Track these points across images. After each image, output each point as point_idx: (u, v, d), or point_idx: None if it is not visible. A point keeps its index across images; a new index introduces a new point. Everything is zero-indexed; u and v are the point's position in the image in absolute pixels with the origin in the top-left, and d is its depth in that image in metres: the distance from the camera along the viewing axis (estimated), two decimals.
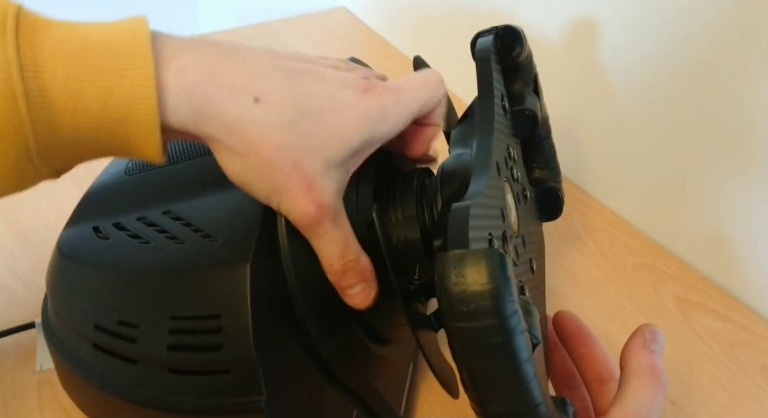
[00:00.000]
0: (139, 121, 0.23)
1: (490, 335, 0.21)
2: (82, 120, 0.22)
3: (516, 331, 0.21)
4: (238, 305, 0.26)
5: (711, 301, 0.50)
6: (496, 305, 0.21)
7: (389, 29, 0.83)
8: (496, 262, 0.21)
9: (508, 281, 0.21)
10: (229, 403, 0.27)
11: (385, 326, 0.34)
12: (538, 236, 0.41)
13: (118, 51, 0.22)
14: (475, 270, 0.21)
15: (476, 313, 0.21)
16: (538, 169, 0.43)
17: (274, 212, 0.29)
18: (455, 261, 0.21)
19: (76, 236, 0.32)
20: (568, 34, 0.56)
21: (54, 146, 0.22)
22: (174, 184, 0.32)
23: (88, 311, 0.30)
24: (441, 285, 0.21)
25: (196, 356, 0.27)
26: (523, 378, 0.21)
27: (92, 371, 0.30)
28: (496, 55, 0.36)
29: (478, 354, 0.21)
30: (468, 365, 0.22)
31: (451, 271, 0.21)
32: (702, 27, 0.45)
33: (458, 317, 0.21)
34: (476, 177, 0.28)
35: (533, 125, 0.38)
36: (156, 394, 0.28)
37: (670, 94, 0.49)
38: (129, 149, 0.24)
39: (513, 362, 0.21)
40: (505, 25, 0.36)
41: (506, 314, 0.21)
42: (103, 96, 0.22)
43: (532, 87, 0.39)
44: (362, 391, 0.33)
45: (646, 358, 0.30)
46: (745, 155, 0.46)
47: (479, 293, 0.21)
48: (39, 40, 0.22)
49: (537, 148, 0.42)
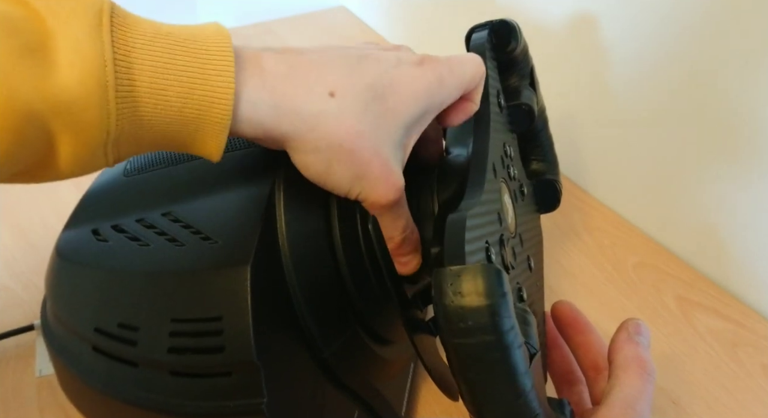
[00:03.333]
0: (214, 120, 0.24)
1: (488, 351, 0.21)
2: (161, 114, 0.23)
3: (513, 346, 0.21)
4: (239, 307, 0.26)
5: (712, 300, 0.50)
6: (493, 321, 0.21)
7: (389, 28, 0.83)
8: (493, 278, 0.21)
9: (505, 296, 0.21)
10: (231, 405, 0.27)
11: (386, 326, 0.34)
12: (535, 230, 0.41)
13: (203, 52, 0.24)
14: (472, 287, 0.21)
15: (474, 329, 0.21)
16: (536, 162, 0.42)
17: (275, 213, 0.29)
18: (452, 278, 0.21)
19: (74, 238, 0.32)
20: (567, 33, 0.56)
21: (127, 137, 0.23)
22: (173, 185, 0.32)
23: (87, 314, 0.30)
24: (438, 301, 0.21)
25: (197, 358, 0.27)
26: (521, 392, 0.21)
27: (92, 373, 0.30)
28: (491, 51, 0.35)
29: (476, 369, 0.21)
30: (466, 379, 0.22)
31: (448, 287, 0.21)
32: (702, 25, 0.45)
33: (456, 334, 0.21)
34: (472, 182, 0.28)
35: (529, 120, 0.38)
36: (157, 397, 0.28)
37: (670, 94, 0.49)
38: (193, 145, 0.25)
39: (511, 377, 0.21)
40: (500, 20, 0.36)
41: (504, 330, 0.21)
42: (186, 93, 0.23)
43: (528, 80, 0.39)
44: (363, 391, 0.33)
45: (631, 350, 0.30)
46: (746, 155, 0.46)
47: (476, 309, 0.21)
48: (131, 35, 0.23)
49: (534, 140, 0.42)
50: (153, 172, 0.34)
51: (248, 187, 0.30)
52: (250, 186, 0.30)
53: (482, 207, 0.26)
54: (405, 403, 0.39)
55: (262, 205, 0.29)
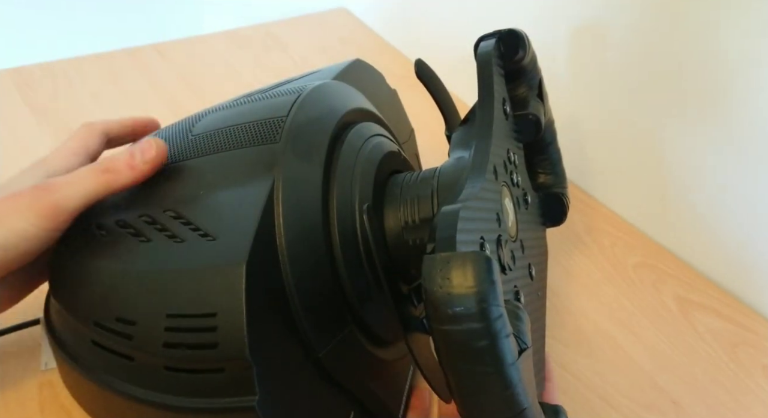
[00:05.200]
0: None
1: (475, 339, 0.21)
2: None
3: (501, 335, 0.21)
4: (234, 304, 0.26)
5: (712, 301, 0.50)
6: (481, 308, 0.21)
7: (390, 30, 0.83)
8: (483, 265, 0.21)
9: (493, 284, 0.21)
10: (223, 402, 0.27)
11: (384, 327, 0.34)
12: (539, 241, 0.41)
13: None
14: (461, 273, 0.21)
15: (461, 316, 0.21)
16: (543, 175, 0.42)
17: (273, 211, 0.29)
18: (441, 264, 0.21)
19: (79, 233, 0.32)
20: (570, 35, 0.56)
21: None
22: (177, 182, 0.32)
23: (87, 308, 0.30)
24: (426, 288, 0.21)
25: (190, 354, 0.27)
26: (508, 383, 0.21)
27: (91, 367, 0.30)
28: (498, 59, 0.36)
29: (463, 357, 0.21)
30: (453, 369, 0.22)
31: (437, 274, 0.21)
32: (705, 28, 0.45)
33: (443, 320, 0.21)
34: (470, 180, 0.28)
35: (536, 130, 0.38)
36: (151, 391, 0.28)
37: (671, 94, 0.49)
38: None
39: (498, 366, 0.21)
40: (508, 29, 0.36)
41: (491, 318, 0.21)
42: None
43: (537, 92, 0.39)
44: (359, 392, 0.33)
45: None
46: (746, 155, 0.46)
47: (464, 296, 0.21)
48: None
49: (542, 153, 0.42)
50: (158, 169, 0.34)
51: (248, 186, 0.30)
52: (250, 184, 0.30)
53: (479, 202, 0.26)
54: (403, 404, 0.39)
55: (261, 203, 0.29)
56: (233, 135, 0.33)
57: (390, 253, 0.33)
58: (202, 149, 0.33)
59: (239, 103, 0.36)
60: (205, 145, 0.33)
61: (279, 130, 0.32)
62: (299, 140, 0.31)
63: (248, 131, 0.33)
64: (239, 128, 0.33)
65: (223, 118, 0.35)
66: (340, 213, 0.31)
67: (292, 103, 0.33)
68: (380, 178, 0.35)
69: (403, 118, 0.48)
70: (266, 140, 0.32)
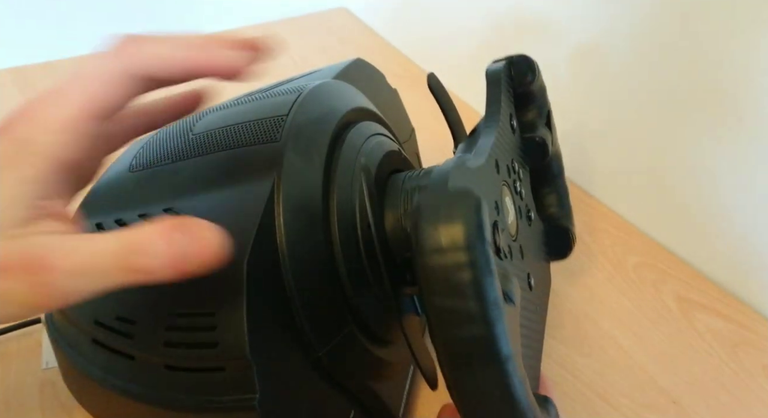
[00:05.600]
0: None
1: (458, 270, 0.21)
2: None
3: (485, 271, 0.21)
4: (234, 303, 0.26)
5: (712, 300, 0.50)
6: (468, 242, 0.21)
7: (390, 30, 0.83)
8: (471, 201, 0.21)
9: (481, 221, 0.21)
10: (224, 400, 0.27)
11: (385, 327, 0.34)
12: (543, 272, 0.40)
13: None
14: (447, 211, 0.21)
15: (446, 248, 0.21)
16: (551, 207, 0.42)
17: (274, 210, 0.29)
18: (431, 207, 0.22)
19: None
20: (572, 35, 0.56)
21: None
22: (176, 181, 0.32)
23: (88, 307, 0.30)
24: (414, 230, 0.22)
25: (191, 352, 0.27)
26: (488, 320, 0.21)
27: (91, 366, 0.30)
28: (507, 78, 0.36)
29: (444, 291, 0.21)
30: (434, 309, 0.22)
31: (425, 216, 0.21)
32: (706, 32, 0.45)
33: (426, 253, 0.21)
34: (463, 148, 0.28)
35: (543, 154, 0.38)
36: (152, 390, 0.28)
37: (671, 95, 0.49)
38: None
39: (478, 299, 0.21)
40: (519, 54, 0.36)
41: (477, 252, 0.21)
42: None
43: (545, 121, 0.39)
44: (359, 391, 0.33)
45: None
46: (747, 155, 0.46)
47: (451, 227, 0.21)
48: None
49: (550, 185, 0.41)
50: (158, 168, 0.34)
51: (249, 184, 0.30)
52: (251, 183, 0.30)
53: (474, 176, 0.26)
54: (403, 404, 0.39)
55: (262, 202, 0.29)
56: (233, 134, 0.33)
57: (391, 251, 0.33)
58: (202, 148, 0.33)
59: (240, 103, 0.36)
60: (205, 144, 0.33)
61: (279, 129, 0.32)
62: (300, 139, 0.31)
63: (248, 130, 0.33)
64: (239, 127, 0.33)
65: (224, 118, 0.35)
66: (340, 212, 0.31)
67: (292, 102, 0.33)
68: (381, 177, 0.35)
69: (404, 118, 0.48)
70: (267, 139, 0.31)
